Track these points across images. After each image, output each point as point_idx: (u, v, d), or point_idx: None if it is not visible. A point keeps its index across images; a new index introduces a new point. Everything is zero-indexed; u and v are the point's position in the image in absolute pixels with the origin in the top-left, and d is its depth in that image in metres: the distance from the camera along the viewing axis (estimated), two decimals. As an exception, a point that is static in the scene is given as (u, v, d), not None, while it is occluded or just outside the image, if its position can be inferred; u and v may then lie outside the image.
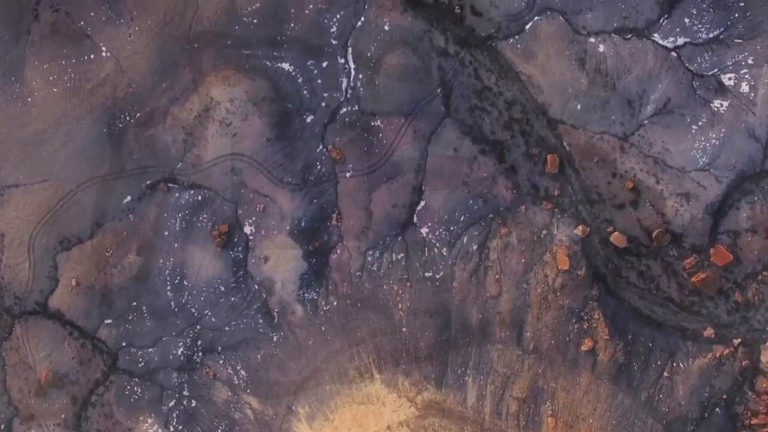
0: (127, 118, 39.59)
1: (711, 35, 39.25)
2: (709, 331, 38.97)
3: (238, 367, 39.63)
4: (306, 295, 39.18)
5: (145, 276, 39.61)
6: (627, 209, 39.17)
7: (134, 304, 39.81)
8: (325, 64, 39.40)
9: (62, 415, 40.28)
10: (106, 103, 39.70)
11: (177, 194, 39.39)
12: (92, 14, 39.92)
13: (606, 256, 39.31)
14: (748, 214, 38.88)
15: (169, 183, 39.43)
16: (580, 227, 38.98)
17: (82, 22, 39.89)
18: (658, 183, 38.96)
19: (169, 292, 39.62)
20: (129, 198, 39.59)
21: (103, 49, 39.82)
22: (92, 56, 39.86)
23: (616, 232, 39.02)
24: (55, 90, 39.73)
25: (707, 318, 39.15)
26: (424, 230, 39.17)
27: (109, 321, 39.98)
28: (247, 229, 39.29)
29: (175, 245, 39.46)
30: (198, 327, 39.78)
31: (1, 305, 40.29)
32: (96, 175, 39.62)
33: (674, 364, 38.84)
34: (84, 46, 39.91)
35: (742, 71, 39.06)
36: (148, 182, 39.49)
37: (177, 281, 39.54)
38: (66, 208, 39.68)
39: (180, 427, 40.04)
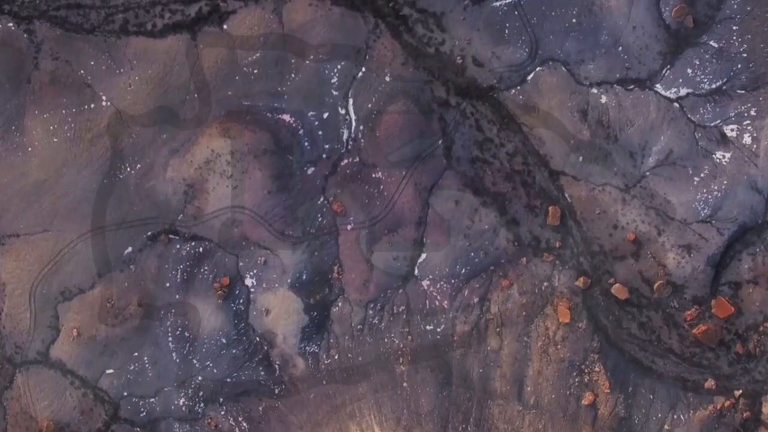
0: (128, 169, 39.48)
1: (714, 86, 39.19)
2: (710, 383, 39.01)
3: (240, 419, 39.69)
4: (307, 348, 39.21)
5: (147, 326, 39.59)
6: (628, 261, 39.17)
7: (136, 354, 39.81)
8: (326, 116, 39.28)
9: (64, 464, 40.46)
10: (106, 154, 39.56)
11: (178, 246, 39.32)
12: (92, 63, 39.71)
13: (607, 308, 39.34)
14: (750, 265, 38.89)
15: (170, 234, 39.36)
16: (581, 279, 38.96)
17: (82, 71, 39.69)
18: (659, 235, 38.93)
19: (170, 343, 39.62)
20: (130, 249, 39.50)
21: (104, 98, 39.64)
22: (92, 105, 39.69)
23: (617, 284, 39.03)
24: (55, 140, 39.58)
25: (708, 369, 39.20)
26: (425, 283, 39.15)
27: (110, 371, 39.97)
28: (249, 282, 39.28)
29: (177, 296, 39.43)
30: (200, 378, 39.78)
31: (2, 354, 40.27)
32: (97, 225, 39.50)
33: (675, 416, 38.90)
34: (84, 96, 39.71)
35: (745, 122, 39.00)
36: (149, 233, 39.40)
37: (179, 332, 39.54)
38: (67, 259, 39.61)
39: (182, 476, 40.27)
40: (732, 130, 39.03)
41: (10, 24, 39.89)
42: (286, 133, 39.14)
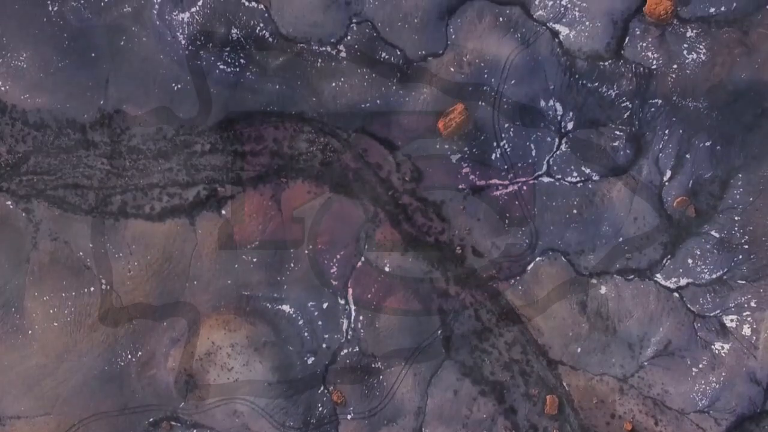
0: (129, 357, 39.63)
1: (714, 276, 39.12)
2: None
3: None
4: None
5: None
6: (626, 448, 39.56)
7: None
8: (325, 306, 39.30)
9: None
10: (107, 340, 39.67)
11: (180, 433, 39.76)
12: (91, 245, 39.62)
13: (604, 493, 39.85)
14: (747, 453, 39.27)
15: (172, 422, 39.62)
16: (579, 466, 39.43)
17: (81, 253, 39.60)
18: (656, 424, 39.21)
19: None
20: (132, 434, 39.93)
21: (103, 282, 39.61)
22: (92, 289, 39.67)
23: (615, 471, 39.50)
24: (55, 324, 39.65)
25: None
26: (424, 472, 39.65)
27: None
28: (250, 471, 39.75)
29: (180, 483, 39.96)
30: None
31: None
32: (99, 411, 39.74)
33: None
34: (84, 278, 39.69)
35: (745, 314, 39.00)
36: (151, 419, 39.64)
37: None
38: (70, 442, 40.07)
39: None
40: (732, 320, 39.06)
41: (8, 202, 39.69)
42: (286, 324, 39.21)
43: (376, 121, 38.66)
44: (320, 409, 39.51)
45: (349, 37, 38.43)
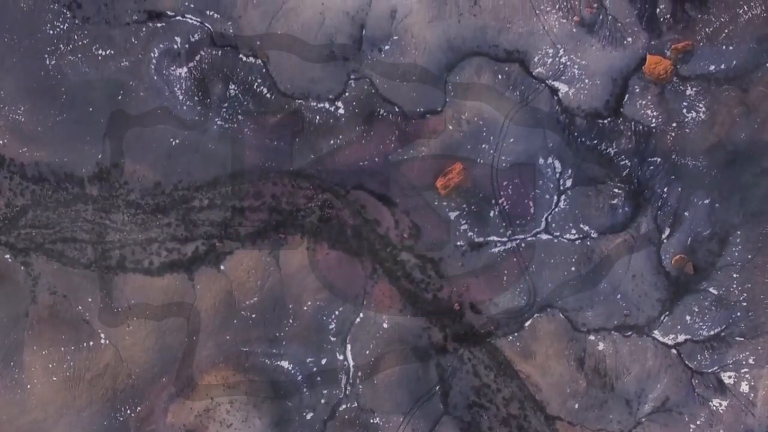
0: (128, 412, 39.76)
1: (712, 333, 39.14)
2: None
3: None
4: None
5: None
6: (623, 502, 39.73)
7: None
8: (324, 361, 39.36)
9: None
10: (106, 395, 39.80)
11: (180, 485, 39.91)
12: (90, 300, 39.67)
13: None
14: (744, 507, 39.44)
15: (170, 476, 39.89)
16: None
17: (80, 307, 39.67)
18: (654, 480, 39.41)
19: None
20: (132, 488, 40.08)
21: (102, 336, 39.70)
22: (91, 343, 39.77)
23: None
24: (54, 379, 39.76)
25: None
26: None
27: None
28: None
29: None
30: None
31: None
32: (98, 465, 40.02)
33: None
34: (83, 333, 39.77)
35: (743, 370, 39.05)
36: (150, 474, 39.91)
37: None
38: (69, 495, 40.22)
39: None
40: (729, 377, 39.11)
41: (7, 256, 39.73)
42: (285, 380, 39.28)
43: (375, 178, 38.58)
44: (319, 464, 39.74)
45: (347, 94, 38.30)
